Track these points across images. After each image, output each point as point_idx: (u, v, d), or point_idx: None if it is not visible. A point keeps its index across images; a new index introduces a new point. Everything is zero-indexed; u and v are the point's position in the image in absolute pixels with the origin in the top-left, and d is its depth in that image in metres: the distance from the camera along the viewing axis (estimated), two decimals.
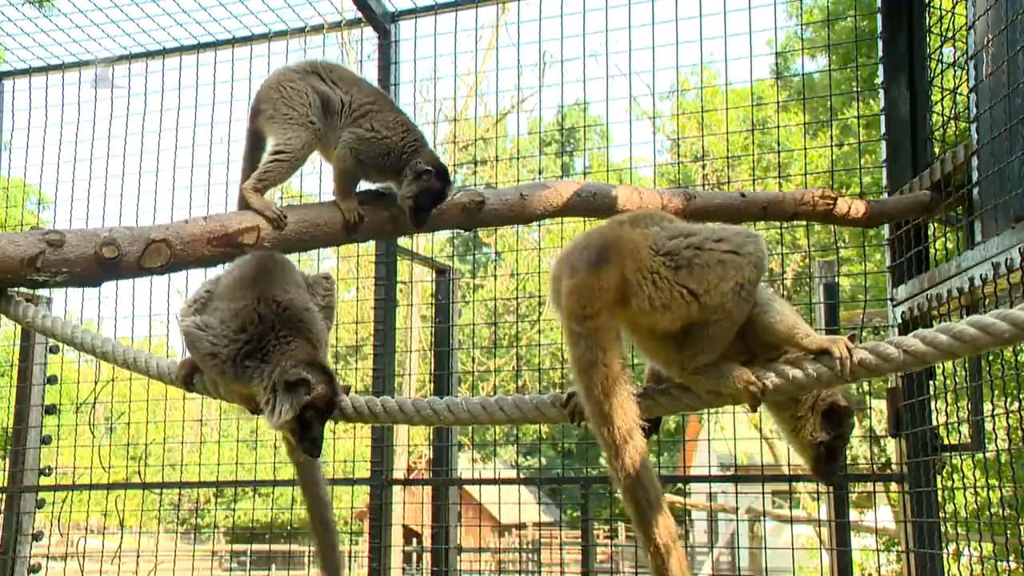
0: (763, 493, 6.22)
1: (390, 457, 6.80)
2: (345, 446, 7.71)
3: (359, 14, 6.95)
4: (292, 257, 4.23)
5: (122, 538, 7.52)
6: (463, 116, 20.41)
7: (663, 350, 2.78)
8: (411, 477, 17.89)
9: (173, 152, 7.37)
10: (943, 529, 5.27)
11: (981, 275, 4.13)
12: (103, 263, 4.00)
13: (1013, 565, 6.95)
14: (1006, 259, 3.87)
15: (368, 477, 6.74)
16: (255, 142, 4.52)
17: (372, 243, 6.75)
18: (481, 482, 7.71)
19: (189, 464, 8.98)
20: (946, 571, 5.06)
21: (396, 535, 8.20)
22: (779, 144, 7.13)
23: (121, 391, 7.69)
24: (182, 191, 7.40)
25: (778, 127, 7.11)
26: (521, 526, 22.38)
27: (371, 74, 7.03)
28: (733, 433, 6.85)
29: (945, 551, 5.30)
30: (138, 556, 7.19)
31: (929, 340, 2.43)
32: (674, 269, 2.62)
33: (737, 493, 6.62)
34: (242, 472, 7.64)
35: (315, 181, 7.27)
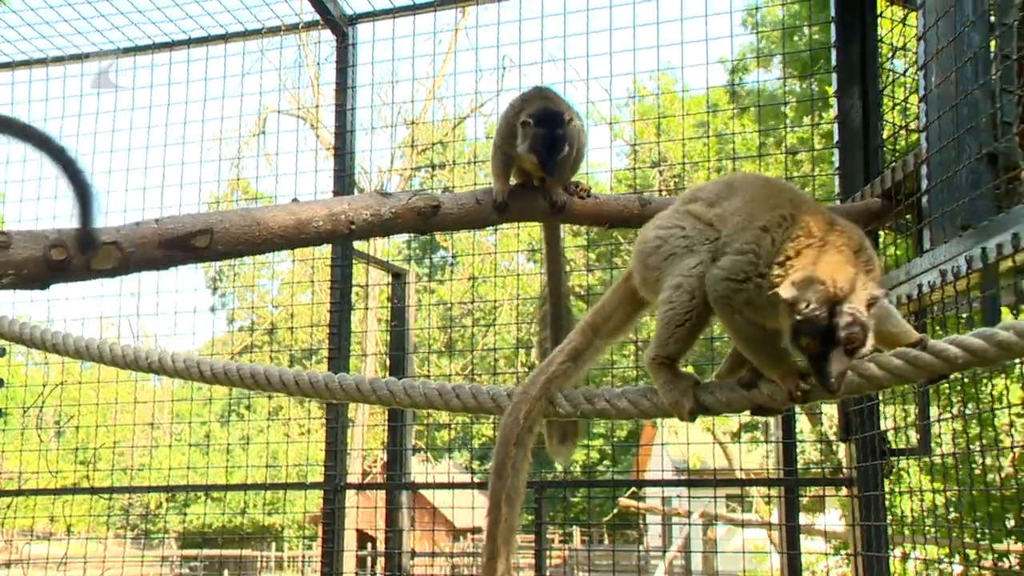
0: (715, 497, 6.26)
1: (344, 461, 6.77)
2: (299, 450, 7.64)
3: (317, 16, 6.92)
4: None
5: (69, 544, 7.41)
6: (422, 119, 20.39)
7: None
8: (366, 481, 17.81)
9: (127, 153, 7.28)
10: (890, 532, 5.33)
11: (929, 282, 4.18)
12: (51, 265, 3.92)
13: (959, 568, 7.05)
14: (953, 267, 3.92)
15: (322, 481, 6.70)
16: None
17: (328, 247, 6.73)
18: (434, 486, 7.70)
19: (140, 468, 8.88)
20: (892, 574, 5.12)
21: (350, 539, 8.15)
22: (734, 151, 7.19)
23: (71, 395, 7.59)
24: (135, 192, 7.33)
25: (733, 134, 7.17)
26: (476, 530, 22.36)
27: (329, 76, 7.00)
28: (686, 437, 6.88)
29: (893, 554, 5.38)
30: (85, 562, 7.08)
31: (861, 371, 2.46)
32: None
33: (689, 497, 6.66)
34: (194, 476, 7.56)
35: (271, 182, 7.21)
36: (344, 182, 6.84)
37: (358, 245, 6.90)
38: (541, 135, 4.37)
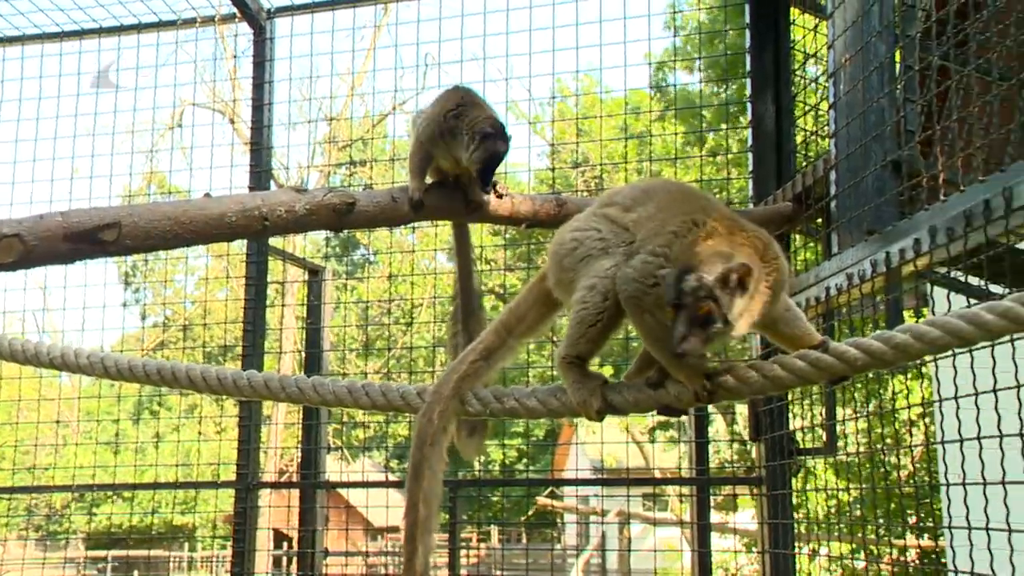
0: (628, 496, 6.33)
1: (256, 460, 6.68)
2: (211, 449, 7.52)
3: (234, 9, 6.81)
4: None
5: None
6: (343, 116, 20.21)
7: None
8: (282, 480, 17.59)
9: (33, 144, 7.08)
10: (798, 530, 5.45)
11: (836, 285, 4.28)
12: None
13: (862, 564, 7.23)
14: (858, 270, 4.01)
15: (234, 480, 6.60)
16: None
17: (244, 242, 6.65)
18: (348, 485, 7.65)
19: (46, 468, 8.64)
20: (797, 570, 5.23)
21: (263, 539, 8.05)
22: (651, 154, 7.26)
23: None
24: (43, 184, 7.12)
25: (650, 136, 7.24)
26: (392, 529, 22.24)
27: (246, 71, 6.90)
28: (600, 437, 6.94)
29: (801, 551, 5.49)
30: None
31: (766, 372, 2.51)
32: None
33: (602, 496, 6.71)
34: (104, 475, 7.38)
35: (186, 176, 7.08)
36: (260, 178, 6.75)
37: (275, 242, 6.82)
38: (496, 150, 4.38)
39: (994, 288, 3.69)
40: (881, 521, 4.68)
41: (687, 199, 2.62)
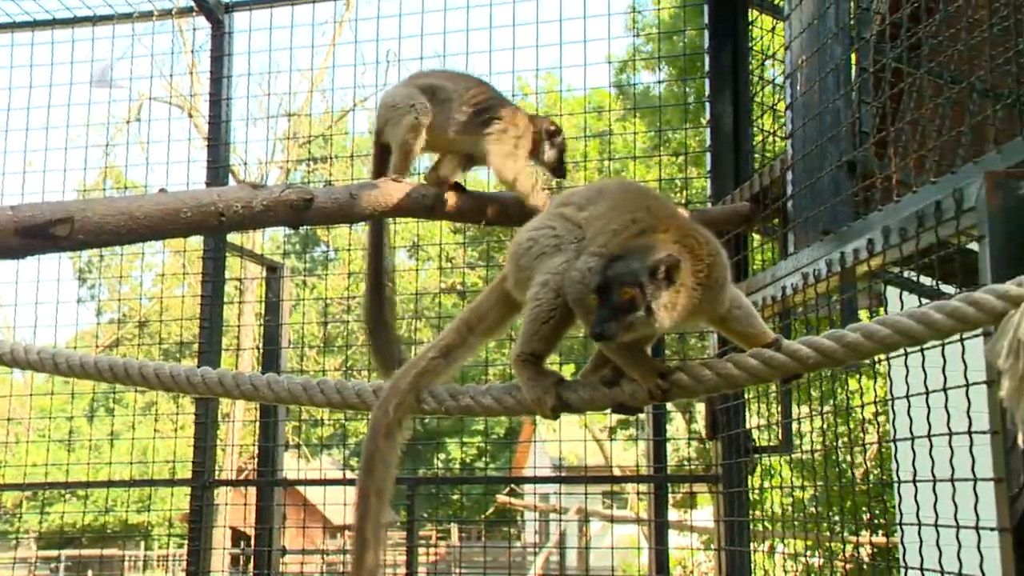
0: (586, 494, 6.35)
1: (212, 458, 6.62)
2: (167, 446, 7.45)
3: (192, 3, 6.74)
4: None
5: None
6: (303, 112, 20.08)
7: None
8: (241, 478, 17.44)
9: None
10: (754, 527, 5.49)
11: (792, 284, 4.31)
12: None
13: (820, 561, 7.30)
14: (814, 270, 4.05)
15: (189, 478, 6.55)
16: None
17: (201, 239, 6.59)
18: (305, 483, 7.61)
19: None
20: (753, 568, 5.27)
21: (220, 537, 7.98)
22: (611, 154, 7.29)
23: None
24: None
25: (610, 134, 7.27)
26: (351, 527, 22.12)
27: (205, 65, 6.84)
28: (559, 435, 6.95)
29: (760, 548, 5.54)
30: None
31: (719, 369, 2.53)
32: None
33: (560, 493, 6.74)
34: (57, 473, 7.29)
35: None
36: (218, 173, 6.69)
37: (232, 238, 6.76)
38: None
39: (946, 288, 3.74)
40: (836, 519, 4.73)
41: (635, 198, 2.64)
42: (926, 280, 4.36)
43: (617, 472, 16.41)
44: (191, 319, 7.23)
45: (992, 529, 2.65)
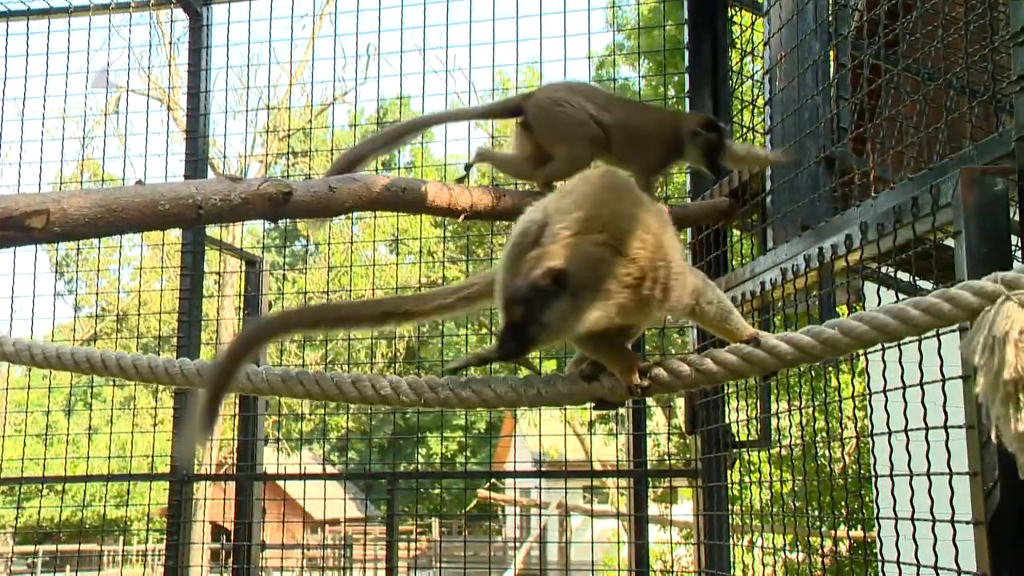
0: (566, 488, 6.36)
1: (191, 452, 6.60)
2: (146, 441, 7.41)
3: None
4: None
5: None
6: (283, 105, 19.99)
7: None
8: (222, 472, 17.37)
9: None
10: (733, 522, 5.51)
11: (771, 280, 4.33)
12: None
13: (801, 556, 7.35)
14: (792, 265, 4.07)
15: (168, 472, 6.52)
16: None
17: (180, 232, 6.57)
18: (285, 477, 7.59)
19: None
20: (733, 562, 5.30)
21: (200, 532, 7.95)
22: None
23: None
24: None
25: None
26: (336, 522, 22.12)
27: (184, 58, 6.80)
28: (539, 429, 6.96)
29: (739, 543, 5.56)
30: None
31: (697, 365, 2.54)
32: None
33: (540, 488, 6.74)
34: (33, 468, 7.24)
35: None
36: (196, 166, 6.66)
37: (211, 231, 6.73)
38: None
39: (923, 284, 3.75)
40: (816, 513, 4.75)
41: (603, 194, 2.56)
42: (903, 276, 4.38)
43: (597, 467, 16.47)
44: (170, 313, 7.19)
45: (967, 523, 2.67)
